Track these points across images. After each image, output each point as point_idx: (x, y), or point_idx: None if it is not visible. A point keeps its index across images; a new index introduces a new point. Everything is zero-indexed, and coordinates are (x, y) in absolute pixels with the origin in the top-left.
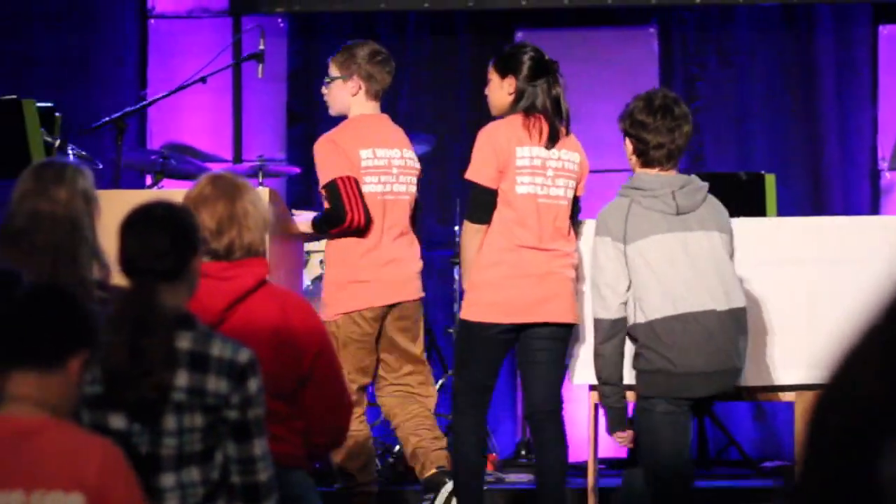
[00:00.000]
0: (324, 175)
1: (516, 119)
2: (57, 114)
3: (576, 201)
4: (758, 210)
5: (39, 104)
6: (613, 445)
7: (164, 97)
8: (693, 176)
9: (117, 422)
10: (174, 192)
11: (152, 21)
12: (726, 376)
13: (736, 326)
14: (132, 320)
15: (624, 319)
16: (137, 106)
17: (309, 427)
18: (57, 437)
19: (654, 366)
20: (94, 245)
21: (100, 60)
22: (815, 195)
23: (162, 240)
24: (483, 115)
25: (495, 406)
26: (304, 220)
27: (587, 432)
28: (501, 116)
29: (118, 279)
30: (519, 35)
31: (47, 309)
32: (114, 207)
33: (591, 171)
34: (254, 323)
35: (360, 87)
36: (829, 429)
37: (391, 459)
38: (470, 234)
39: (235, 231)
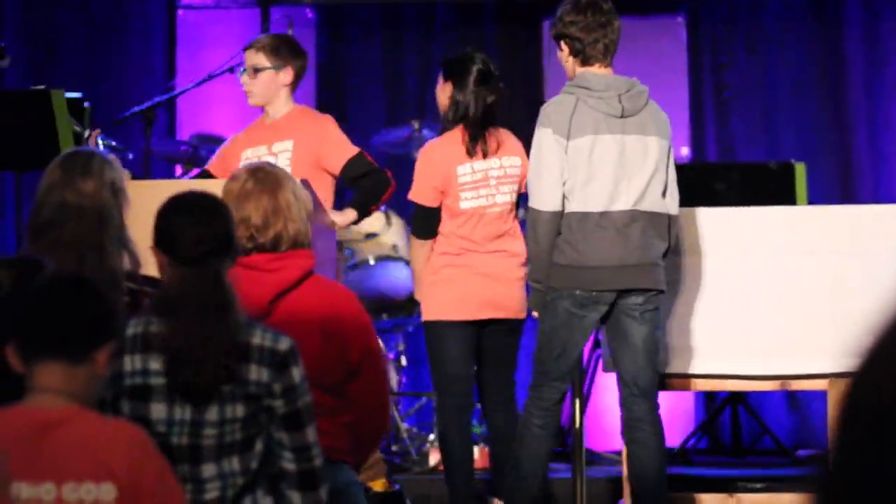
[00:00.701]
0: (349, 150)
1: (455, 135)
2: (86, 104)
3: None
4: (788, 199)
5: (68, 95)
6: None
7: (192, 87)
8: (634, 79)
9: (158, 412)
10: (206, 182)
11: (180, 12)
12: (636, 271)
13: (653, 228)
14: (203, 304)
15: (562, 213)
16: (166, 96)
17: (355, 419)
18: (83, 427)
19: (567, 258)
20: (122, 236)
21: (128, 51)
22: (844, 185)
23: (219, 225)
24: (510, 108)
25: None
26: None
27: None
28: (446, 119)
29: (149, 270)
30: (547, 24)
31: (74, 300)
32: (144, 197)
33: None
34: (300, 314)
35: (291, 78)
36: (859, 419)
37: (427, 447)
38: (417, 249)
39: (281, 224)
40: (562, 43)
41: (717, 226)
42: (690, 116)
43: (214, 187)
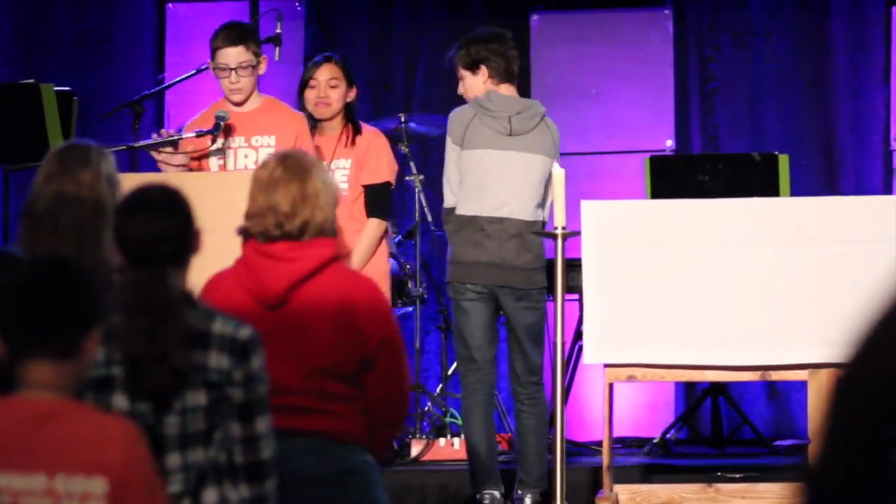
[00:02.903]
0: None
1: None
2: (75, 98)
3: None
4: (771, 190)
5: (57, 88)
6: (627, 425)
7: (181, 80)
8: (533, 102)
9: (120, 402)
10: (168, 175)
11: (170, 5)
12: (502, 270)
13: (528, 235)
14: (146, 308)
15: (454, 209)
16: (155, 89)
17: (370, 406)
18: (76, 420)
19: (453, 255)
20: None
21: (118, 44)
22: (828, 175)
23: (171, 224)
24: None
25: None
26: None
27: (602, 412)
28: None
29: None
30: (534, 18)
31: (56, 292)
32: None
33: (605, 153)
34: (316, 304)
35: (265, 67)
36: (847, 408)
37: (408, 438)
38: (381, 232)
39: (308, 211)
40: (482, 67)
41: (700, 217)
42: (676, 108)
43: (175, 180)
